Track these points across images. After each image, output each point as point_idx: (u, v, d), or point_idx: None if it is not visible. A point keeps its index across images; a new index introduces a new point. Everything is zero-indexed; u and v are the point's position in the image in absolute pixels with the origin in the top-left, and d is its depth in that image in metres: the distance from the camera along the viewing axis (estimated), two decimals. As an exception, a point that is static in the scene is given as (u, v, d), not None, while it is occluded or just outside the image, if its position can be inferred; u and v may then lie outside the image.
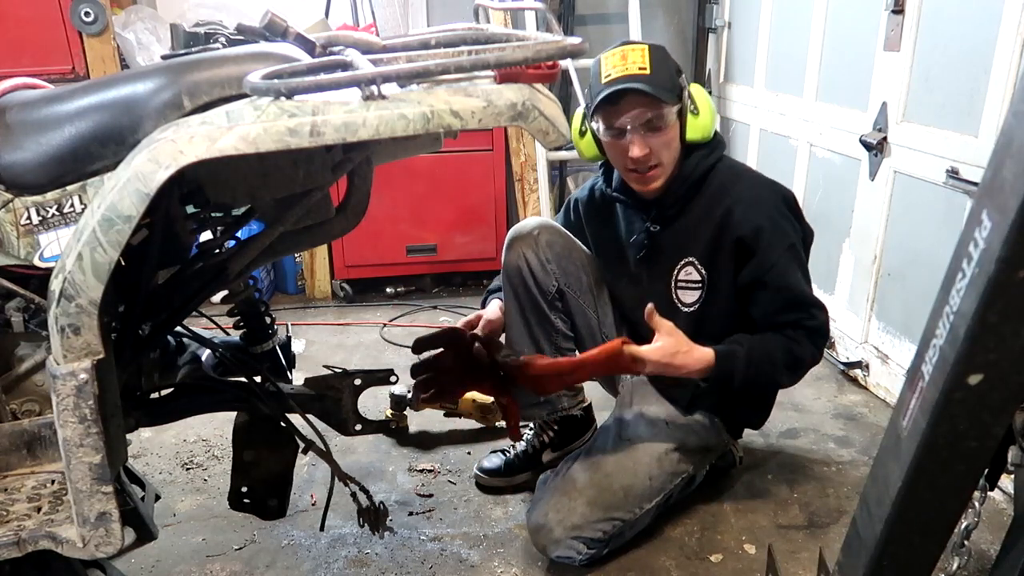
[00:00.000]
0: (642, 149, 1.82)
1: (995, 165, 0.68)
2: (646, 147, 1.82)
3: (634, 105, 1.79)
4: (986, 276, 0.67)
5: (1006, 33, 2.05)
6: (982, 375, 0.73)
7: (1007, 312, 0.68)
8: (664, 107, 1.80)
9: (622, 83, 1.78)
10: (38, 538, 1.28)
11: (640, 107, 1.79)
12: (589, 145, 1.97)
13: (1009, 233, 0.64)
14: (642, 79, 1.78)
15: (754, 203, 1.88)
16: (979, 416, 0.76)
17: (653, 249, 2.00)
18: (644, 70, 1.79)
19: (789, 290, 1.88)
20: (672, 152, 1.87)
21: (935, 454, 0.80)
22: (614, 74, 1.80)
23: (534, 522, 1.89)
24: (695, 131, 1.88)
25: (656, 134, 1.83)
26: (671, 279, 1.99)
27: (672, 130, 1.85)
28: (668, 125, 1.83)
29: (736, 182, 1.94)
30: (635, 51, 1.82)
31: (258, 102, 1.09)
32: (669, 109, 1.81)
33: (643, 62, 1.79)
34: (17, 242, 1.26)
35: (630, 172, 1.89)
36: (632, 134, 1.82)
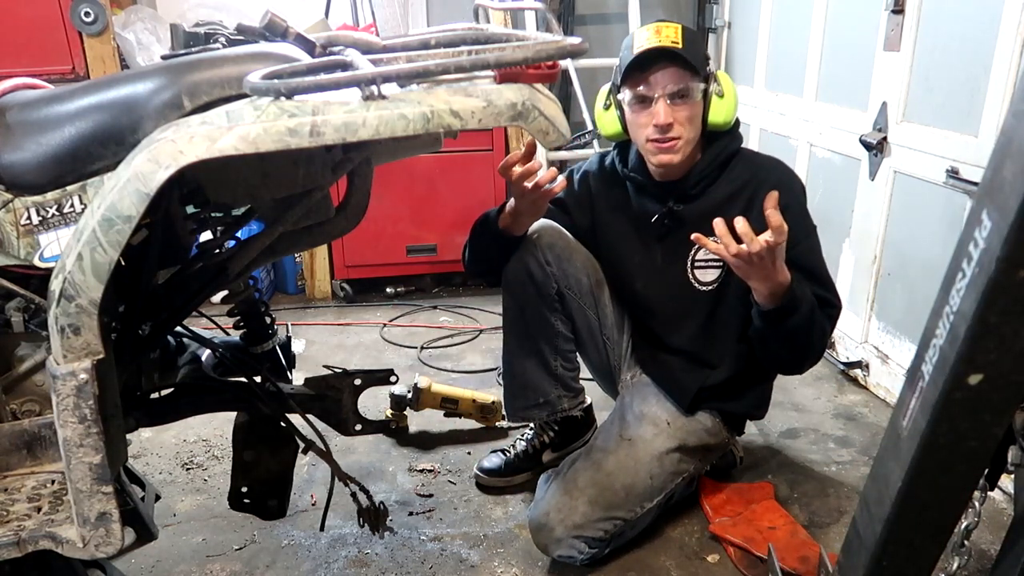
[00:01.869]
0: (667, 116, 1.83)
1: (995, 165, 0.68)
2: (671, 116, 1.83)
3: (664, 74, 1.83)
4: (986, 276, 0.67)
5: (1006, 33, 2.05)
6: (982, 375, 0.73)
7: (1007, 312, 0.68)
8: (693, 79, 1.83)
9: (655, 53, 1.82)
10: (38, 538, 1.28)
11: (670, 76, 1.82)
12: (612, 121, 1.97)
13: (1009, 233, 0.64)
14: (675, 51, 1.82)
15: (781, 186, 1.81)
16: (979, 416, 0.76)
17: (672, 229, 2.00)
18: (677, 44, 1.82)
19: (819, 271, 1.90)
20: (694, 129, 1.88)
21: (935, 454, 0.80)
22: (647, 44, 1.83)
23: (535, 522, 1.88)
24: (718, 114, 1.90)
25: (682, 105, 1.84)
26: (687, 259, 2.00)
27: (697, 106, 1.87)
28: (694, 99, 1.85)
29: (762, 167, 1.97)
30: (669, 27, 1.85)
31: (258, 102, 1.09)
32: (697, 83, 1.84)
33: (676, 37, 1.83)
34: (17, 242, 1.26)
35: (650, 142, 1.88)
36: (658, 102, 1.83)
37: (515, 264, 2.04)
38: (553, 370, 2.12)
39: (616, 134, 1.99)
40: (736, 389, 2.05)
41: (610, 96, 1.97)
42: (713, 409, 2.06)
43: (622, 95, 1.89)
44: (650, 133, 1.86)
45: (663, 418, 2.01)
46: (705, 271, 1.99)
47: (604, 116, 1.99)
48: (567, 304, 2.09)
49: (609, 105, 1.97)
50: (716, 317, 1.97)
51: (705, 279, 2.00)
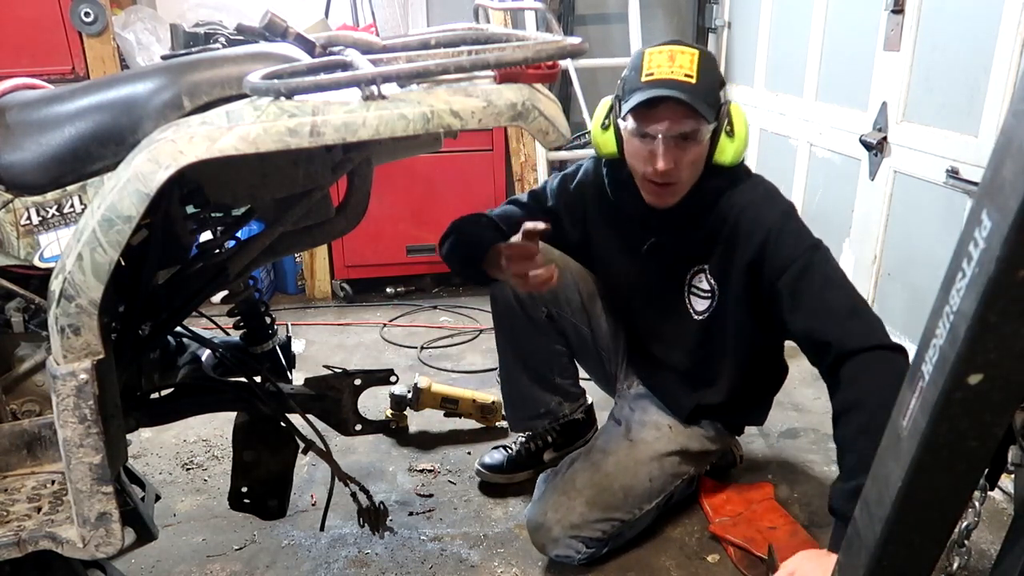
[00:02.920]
0: (668, 163, 1.70)
1: (995, 165, 0.68)
2: (672, 161, 1.70)
3: (673, 114, 1.68)
4: (986, 276, 0.67)
5: (1006, 33, 2.05)
6: (982, 375, 0.73)
7: (1007, 312, 0.68)
8: (702, 124, 1.70)
9: (665, 88, 1.66)
10: (38, 538, 1.28)
11: (678, 118, 1.68)
12: (609, 142, 1.84)
13: (1009, 233, 0.64)
14: (687, 88, 1.66)
15: (757, 206, 1.80)
16: (979, 416, 0.76)
17: (665, 254, 1.92)
18: (690, 78, 1.67)
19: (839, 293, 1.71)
20: (695, 171, 1.78)
21: (935, 454, 0.80)
22: (657, 74, 1.68)
23: (533, 521, 1.89)
24: (724, 154, 1.78)
25: (686, 149, 1.72)
26: (684, 284, 1.93)
27: (703, 148, 1.75)
28: (701, 141, 1.73)
29: (739, 193, 1.84)
30: (684, 55, 1.70)
31: (258, 102, 1.09)
32: (706, 127, 1.71)
33: (691, 68, 1.68)
34: (17, 242, 1.26)
35: (647, 182, 1.79)
36: (662, 144, 1.69)
37: (501, 291, 2.04)
38: (551, 381, 2.15)
39: (613, 154, 1.86)
40: (735, 405, 2.04)
41: (610, 116, 1.83)
42: (714, 420, 2.06)
43: (624, 122, 1.75)
44: (648, 172, 1.75)
45: (664, 423, 2.01)
46: (698, 300, 1.93)
47: (602, 136, 1.86)
48: (559, 323, 2.09)
49: (608, 126, 1.84)
50: (712, 343, 1.92)
51: (698, 308, 1.93)
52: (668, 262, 1.92)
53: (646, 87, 1.68)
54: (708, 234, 1.85)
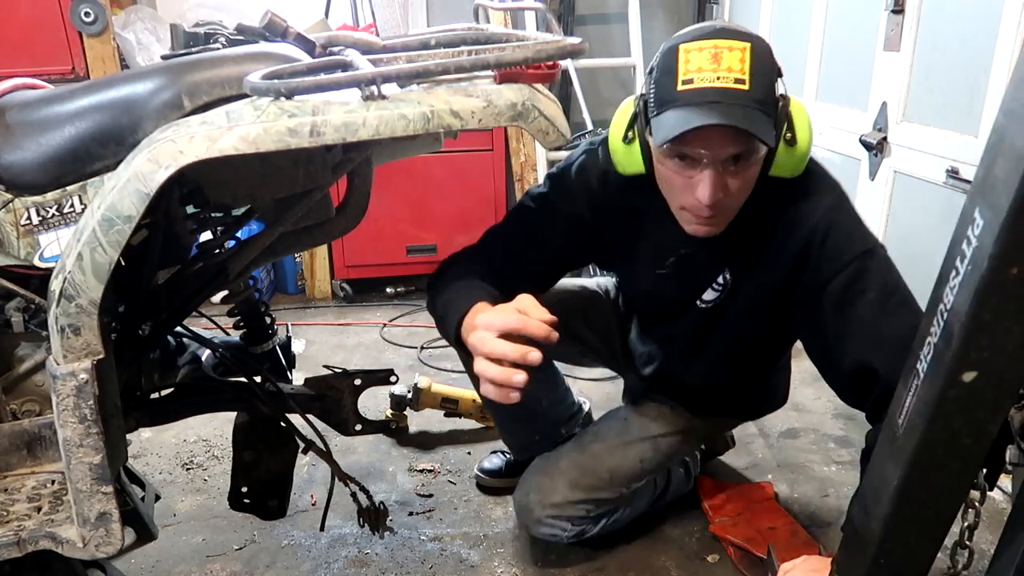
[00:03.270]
0: (715, 193, 1.35)
1: (987, 163, 0.69)
2: (720, 191, 1.36)
3: (722, 138, 1.31)
4: (979, 274, 0.68)
5: (1006, 33, 2.05)
6: (976, 372, 0.73)
7: (1000, 309, 0.69)
8: (756, 141, 1.33)
9: (710, 103, 1.28)
10: (38, 538, 1.28)
11: (730, 141, 1.32)
12: (634, 159, 1.47)
13: (1001, 231, 0.65)
14: (739, 98, 1.29)
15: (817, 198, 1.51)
16: (974, 413, 0.77)
17: (689, 264, 1.66)
18: (742, 84, 1.29)
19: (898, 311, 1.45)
20: (747, 193, 1.44)
21: (931, 452, 0.81)
22: (698, 82, 1.30)
23: (518, 503, 1.92)
24: (784, 167, 1.43)
25: (737, 172, 1.37)
26: (699, 287, 1.70)
27: (757, 167, 1.40)
28: (755, 161, 1.38)
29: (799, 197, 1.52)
30: (733, 52, 1.30)
31: (258, 102, 1.09)
32: (760, 146, 1.36)
33: (742, 71, 1.29)
34: (17, 242, 1.26)
35: (686, 211, 1.45)
36: (707, 169, 1.34)
37: None
38: (543, 410, 2.04)
39: (638, 173, 1.49)
40: (743, 394, 1.98)
41: (634, 128, 1.45)
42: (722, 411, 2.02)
43: (655, 138, 1.35)
44: (687, 202, 1.42)
45: (666, 406, 1.95)
46: (709, 292, 1.70)
47: (624, 152, 1.48)
48: (545, 368, 1.95)
49: (632, 139, 1.45)
50: (715, 332, 1.75)
51: (707, 297, 1.70)
52: (692, 271, 1.68)
53: (684, 103, 1.30)
54: (746, 230, 1.55)
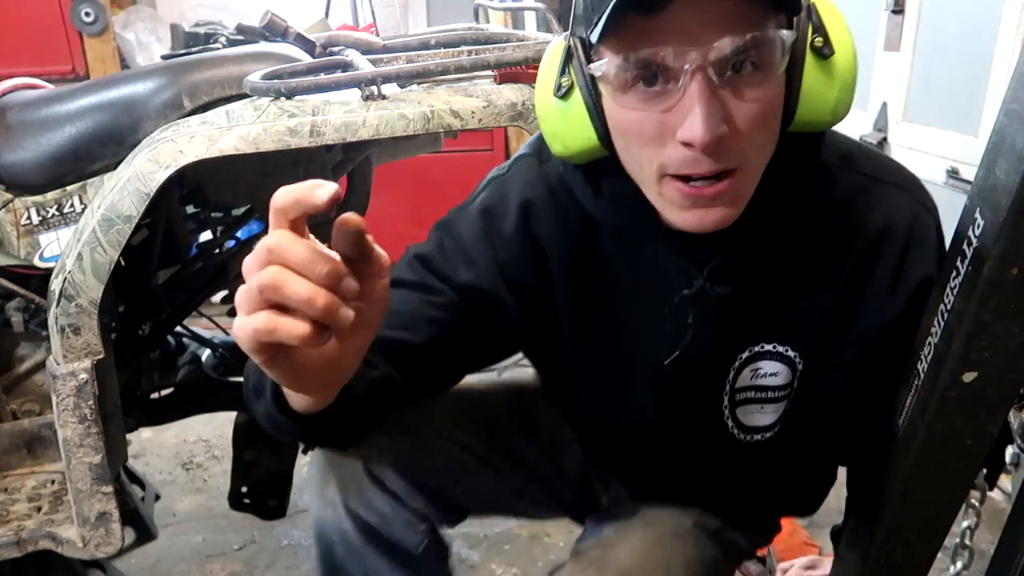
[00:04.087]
0: (712, 125, 0.73)
1: (988, 164, 0.69)
2: (721, 121, 0.74)
3: (706, 12, 0.73)
4: (980, 274, 0.68)
5: (1006, 33, 2.05)
6: (977, 373, 0.73)
7: (1001, 310, 0.69)
8: (770, 23, 0.75)
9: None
10: (38, 538, 1.28)
11: (718, 18, 0.73)
12: (575, 124, 0.83)
13: (1002, 231, 0.65)
14: None
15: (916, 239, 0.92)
16: (974, 414, 0.77)
17: (703, 329, 0.94)
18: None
19: None
20: (769, 138, 0.80)
21: (931, 452, 0.81)
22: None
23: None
24: (821, 104, 0.82)
25: (745, 91, 0.76)
26: (724, 386, 0.98)
27: (777, 85, 0.78)
28: (772, 72, 0.76)
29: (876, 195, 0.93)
30: None
31: (258, 102, 1.10)
32: (780, 33, 0.75)
33: None
34: (17, 242, 1.26)
35: (671, 181, 0.79)
36: (697, 88, 0.73)
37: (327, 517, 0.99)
38: None
39: (586, 152, 0.85)
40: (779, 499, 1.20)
41: (568, 72, 0.83)
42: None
43: (599, 65, 0.77)
44: (671, 159, 0.77)
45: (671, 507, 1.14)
46: (754, 408, 0.99)
47: (559, 114, 0.85)
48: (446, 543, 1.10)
49: (568, 91, 0.83)
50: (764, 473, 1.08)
51: (754, 423, 1.00)
52: (707, 336, 0.95)
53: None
54: (799, 278, 0.93)
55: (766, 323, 0.94)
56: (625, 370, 1.00)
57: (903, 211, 0.92)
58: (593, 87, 0.81)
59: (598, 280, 0.97)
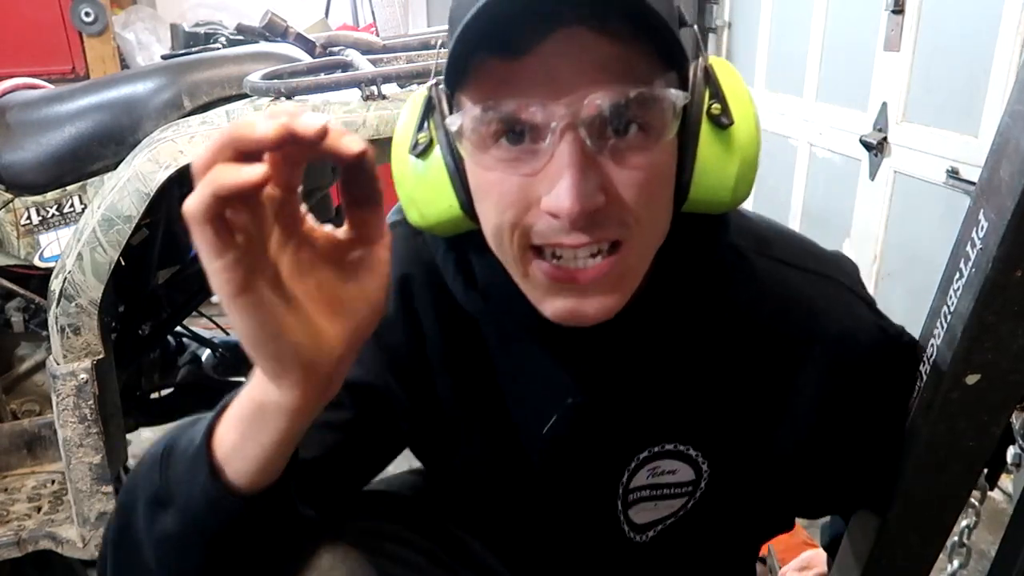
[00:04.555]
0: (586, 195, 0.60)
1: (992, 165, 0.68)
2: (596, 189, 0.61)
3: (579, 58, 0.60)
4: (983, 276, 0.68)
5: (1006, 33, 2.05)
6: (979, 375, 0.73)
7: (1004, 312, 0.69)
8: (657, 77, 0.63)
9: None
10: (38, 538, 1.28)
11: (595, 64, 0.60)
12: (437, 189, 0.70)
13: (1006, 233, 0.64)
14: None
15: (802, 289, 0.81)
16: (977, 416, 0.77)
17: (586, 430, 0.82)
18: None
19: None
20: (659, 213, 0.67)
21: (933, 453, 0.81)
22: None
23: None
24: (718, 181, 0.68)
25: (627, 154, 0.63)
26: (618, 489, 0.85)
27: (666, 152, 0.65)
28: (661, 132, 0.63)
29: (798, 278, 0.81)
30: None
31: (258, 102, 1.10)
32: (667, 92, 0.62)
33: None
34: (17, 242, 1.26)
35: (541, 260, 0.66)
36: (565, 146, 0.61)
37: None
38: None
39: (447, 222, 0.72)
40: None
41: (427, 126, 0.70)
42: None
43: (456, 117, 0.64)
44: (534, 227, 0.64)
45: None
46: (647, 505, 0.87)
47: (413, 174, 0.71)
48: None
49: (426, 147, 0.70)
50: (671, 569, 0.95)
51: (644, 519, 0.89)
52: (595, 447, 0.83)
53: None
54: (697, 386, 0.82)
55: (666, 425, 0.82)
56: (509, 473, 0.87)
57: (831, 305, 0.81)
58: (455, 144, 0.67)
59: (479, 374, 0.83)
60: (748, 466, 0.84)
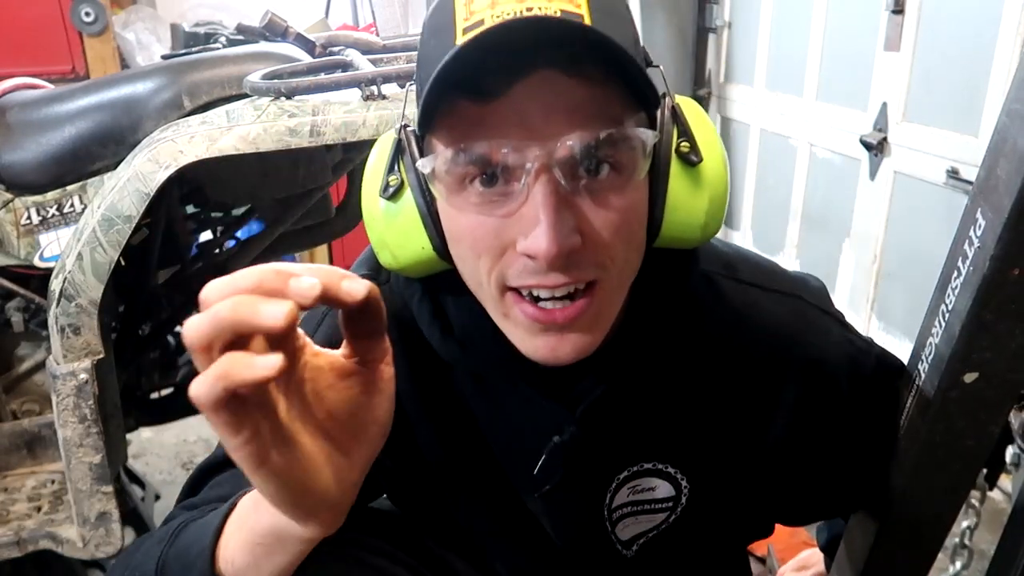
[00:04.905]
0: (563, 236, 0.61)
1: (989, 164, 0.68)
2: (573, 232, 0.62)
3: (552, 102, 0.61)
4: (981, 275, 0.68)
5: (1006, 33, 2.05)
6: (978, 373, 0.73)
7: (1002, 310, 0.69)
8: (628, 117, 0.64)
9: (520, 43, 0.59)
10: (38, 538, 1.28)
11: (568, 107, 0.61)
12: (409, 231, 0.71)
13: (1003, 232, 0.65)
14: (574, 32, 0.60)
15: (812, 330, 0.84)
16: (975, 414, 0.77)
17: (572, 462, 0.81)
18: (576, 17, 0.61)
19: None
20: (633, 252, 0.69)
21: (932, 453, 0.81)
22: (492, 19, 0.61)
23: None
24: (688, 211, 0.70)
25: (600, 193, 0.64)
26: (603, 510, 0.87)
27: (639, 190, 0.67)
28: (634, 172, 0.65)
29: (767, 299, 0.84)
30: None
31: (258, 102, 1.10)
32: (637, 131, 0.64)
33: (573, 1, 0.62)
34: (17, 242, 1.26)
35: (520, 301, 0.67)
36: (539, 188, 0.62)
37: None
38: None
39: (420, 264, 0.73)
40: None
41: (397, 169, 0.71)
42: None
43: (428, 160, 0.65)
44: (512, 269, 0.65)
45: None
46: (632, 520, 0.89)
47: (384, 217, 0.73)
48: None
49: (396, 189, 0.71)
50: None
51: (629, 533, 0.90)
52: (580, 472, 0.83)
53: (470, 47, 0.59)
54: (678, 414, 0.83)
55: (645, 446, 0.84)
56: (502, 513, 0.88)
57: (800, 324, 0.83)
58: (427, 186, 0.68)
59: (459, 420, 0.83)
60: (726, 482, 0.86)
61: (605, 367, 0.75)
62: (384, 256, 0.74)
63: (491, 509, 0.88)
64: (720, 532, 0.93)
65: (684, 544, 0.91)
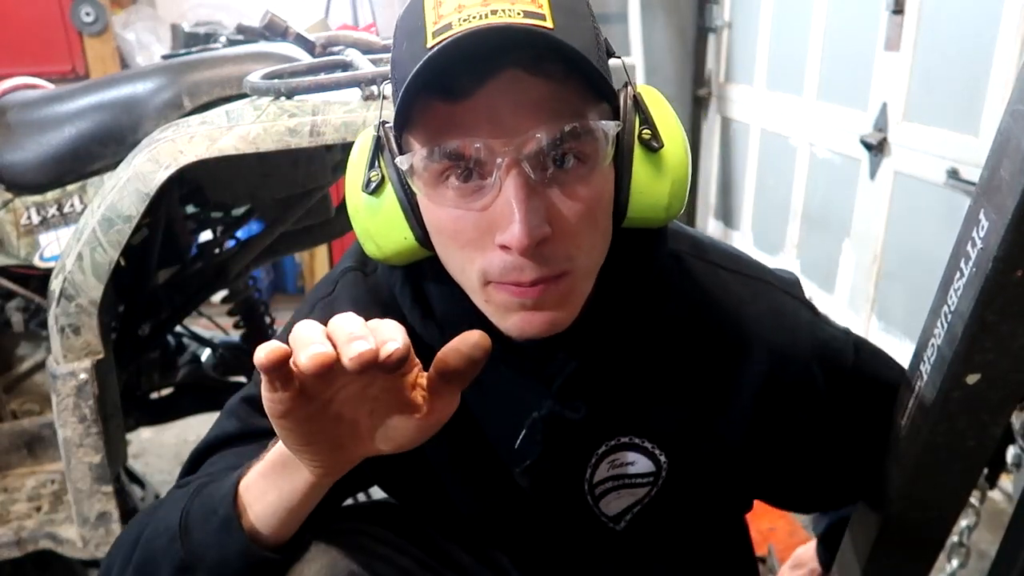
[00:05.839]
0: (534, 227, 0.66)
1: (992, 165, 0.68)
2: (544, 222, 0.67)
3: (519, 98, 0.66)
4: (983, 276, 0.68)
5: (1006, 33, 2.05)
6: (980, 374, 0.73)
7: (1004, 311, 0.69)
8: (591, 114, 0.70)
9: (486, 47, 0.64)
10: (38, 538, 1.28)
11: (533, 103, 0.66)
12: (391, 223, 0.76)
13: (1006, 233, 0.64)
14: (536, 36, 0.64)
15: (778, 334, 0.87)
16: (977, 415, 0.77)
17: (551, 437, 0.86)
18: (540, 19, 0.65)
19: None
20: (600, 237, 0.74)
21: (933, 453, 0.81)
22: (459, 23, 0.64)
23: None
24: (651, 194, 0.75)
25: (568, 183, 0.69)
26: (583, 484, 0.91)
27: (604, 178, 0.72)
28: (598, 160, 0.70)
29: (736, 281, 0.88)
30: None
31: (258, 102, 1.09)
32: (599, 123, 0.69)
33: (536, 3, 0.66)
34: (17, 242, 1.26)
35: (496, 287, 0.72)
36: (511, 181, 0.67)
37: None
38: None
39: (403, 252, 0.77)
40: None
41: (377, 166, 0.75)
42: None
43: (406, 158, 0.70)
44: (492, 266, 0.70)
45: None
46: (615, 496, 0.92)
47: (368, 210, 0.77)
48: None
49: (378, 184, 0.75)
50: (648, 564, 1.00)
51: (615, 508, 0.93)
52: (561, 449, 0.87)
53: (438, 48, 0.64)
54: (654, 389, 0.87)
55: (620, 420, 0.88)
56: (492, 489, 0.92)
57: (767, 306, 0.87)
58: (406, 181, 0.73)
59: None
60: (702, 457, 0.90)
61: (577, 343, 0.80)
62: (369, 247, 0.79)
63: (481, 489, 0.92)
64: (703, 506, 0.96)
65: (671, 518, 0.95)
